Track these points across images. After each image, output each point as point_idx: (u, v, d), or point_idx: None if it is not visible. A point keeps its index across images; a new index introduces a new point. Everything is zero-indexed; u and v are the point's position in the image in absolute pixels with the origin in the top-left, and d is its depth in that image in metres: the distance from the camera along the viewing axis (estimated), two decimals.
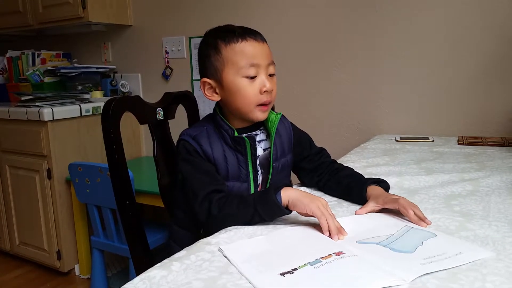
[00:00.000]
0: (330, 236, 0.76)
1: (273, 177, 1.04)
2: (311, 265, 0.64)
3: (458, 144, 1.58)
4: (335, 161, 1.13)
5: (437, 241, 0.73)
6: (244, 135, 0.99)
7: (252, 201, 0.84)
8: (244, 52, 0.94)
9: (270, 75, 0.98)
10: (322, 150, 1.14)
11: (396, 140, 1.68)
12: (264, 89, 0.95)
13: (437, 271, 0.63)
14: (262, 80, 0.95)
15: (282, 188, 0.84)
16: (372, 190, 0.94)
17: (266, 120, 1.02)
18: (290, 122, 1.13)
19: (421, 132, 1.82)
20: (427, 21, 1.77)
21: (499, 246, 0.71)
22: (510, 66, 1.65)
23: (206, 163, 0.96)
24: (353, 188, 0.97)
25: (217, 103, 1.04)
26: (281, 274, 0.62)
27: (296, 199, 0.82)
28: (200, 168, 0.95)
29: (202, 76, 1.02)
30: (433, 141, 1.65)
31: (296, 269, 0.63)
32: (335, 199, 1.01)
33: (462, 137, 1.66)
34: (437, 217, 0.85)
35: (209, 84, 1.00)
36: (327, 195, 1.04)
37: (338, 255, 0.67)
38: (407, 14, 1.80)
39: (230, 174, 0.98)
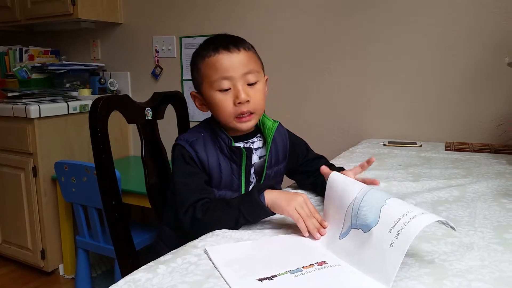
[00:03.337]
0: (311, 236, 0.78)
1: (264, 183, 1.04)
2: (291, 273, 0.64)
3: (446, 149, 1.60)
4: (332, 164, 1.13)
5: (397, 200, 0.72)
6: (241, 144, 0.99)
7: (236, 203, 0.84)
8: (215, 66, 0.94)
9: (251, 84, 0.96)
10: (321, 157, 1.14)
11: (384, 145, 1.69)
12: (238, 101, 0.94)
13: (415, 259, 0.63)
14: (236, 91, 0.94)
15: (264, 189, 0.84)
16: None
17: (264, 127, 1.03)
18: (287, 130, 1.12)
19: (409, 137, 1.83)
20: (416, 28, 1.78)
21: (484, 253, 0.72)
22: (498, 73, 1.67)
23: (199, 173, 0.96)
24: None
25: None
26: (259, 280, 0.62)
27: (274, 202, 0.82)
28: (192, 178, 0.94)
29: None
30: (421, 146, 1.67)
31: (275, 275, 0.63)
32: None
33: (449, 142, 1.68)
34: None
35: (197, 97, 1.02)
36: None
37: (320, 265, 0.67)
38: (397, 20, 1.82)
39: (223, 183, 0.98)
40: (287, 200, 0.81)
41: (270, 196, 0.83)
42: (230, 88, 0.95)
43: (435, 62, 1.77)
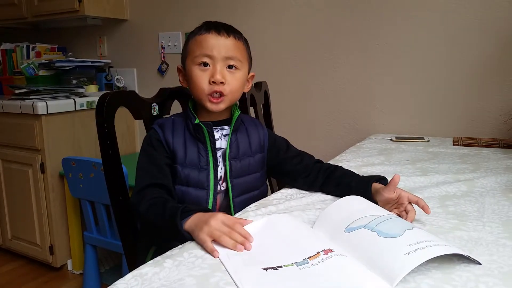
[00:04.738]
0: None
1: (235, 175, 1.03)
2: (297, 266, 0.64)
3: (454, 144, 1.59)
4: (320, 161, 1.11)
5: (425, 231, 0.71)
6: (202, 123, 1.01)
7: (168, 216, 0.81)
8: (201, 43, 0.99)
9: (230, 67, 1.00)
10: (302, 153, 1.12)
11: (392, 140, 1.68)
12: (212, 79, 0.97)
13: (425, 265, 0.62)
14: (214, 70, 0.98)
15: (193, 213, 0.79)
16: (376, 186, 0.93)
17: (232, 116, 1.06)
18: (267, 129, 1.14)
19: (416, 132, 1.82)
20: (423, 22, 1.77)
21: (492, 248, 0.71)
22: (506, 67, 1.65)
23: (160, 154, 1.00)
24: (356, 188, 0.96)
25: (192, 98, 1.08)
26: (264, 269, 0.62)
27: (192, 229, 0.76)
28: (151, 160, 1.00)
29: None
30: (428, 141, 1.66)
31: (280, 266, 0.63)
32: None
33: (457, 137, 1.66)
34: (431, 218, 0.85)
35: (181, 71, 1.07)
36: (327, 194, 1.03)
37: (326, 254, 0.66)
38: (403, 14, 1.80)
39: (187, 161, 1.00)
40: (200, 226, 0.74)
41: (191, 222, 0.77)
42: (209, 66, 0.99)
43: (442, 57, 1.76)
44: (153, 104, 1.20)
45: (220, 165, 1.03)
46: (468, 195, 1.00)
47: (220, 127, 1.05)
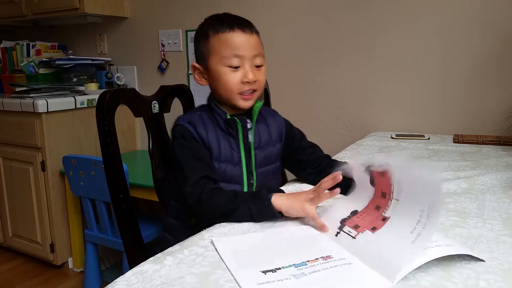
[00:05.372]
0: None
1: (259, 164, 1.04)
2: (295, 267, 0.64)
3: (454, 142, 1.58)
4: (329, 156, 1.13)
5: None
6: (236, 117, 1.01)
7: (244, 198, 0.84)
8: (228, 43, 0.97)
9: (257, 66, 1.00)
10: (315, 145, 1.14)
11: (392, 138, 1.68)
12: (246, 79, 0.97)
13: (427, 263, 0.62)
14: (245, 70, 0.98)
15: (274, 192, 0.84)
16: None
17: (252, 109, 1.05)
18: (284, 118, 1.14)
19: (417, 130, 1.82)
20: (424, 20, 1.76)
21: (492, 245, 0.71)
22: (506, 64, 1.65)
23: (201, 148, 0.98)
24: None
25: (211, 93, 1.07)
26: (263, 272, 0.62)
27: (288, 207, 0.82)
28: (194, 153, 0.97)
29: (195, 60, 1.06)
30: (428, 138, 1.65)
31: (279, 268, 0.63)
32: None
33: (457, 135, 1.66)
34: None
35: (198, 69, 1.04)
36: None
37: (325, 260, 0.67)
38: (404, 12, 1.80)
39: (222, 156, 1.00)
40: (298, 204, 0.81)
41: (281, 202, 0.82)
42: (239, 66, 0.98)
43: (443, 54, 1.75)
44: (153, 102, 1.20)
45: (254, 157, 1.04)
46: (468, 192, 1.00)
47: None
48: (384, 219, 0.71)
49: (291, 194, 0.86)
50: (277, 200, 0.82)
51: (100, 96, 1.05)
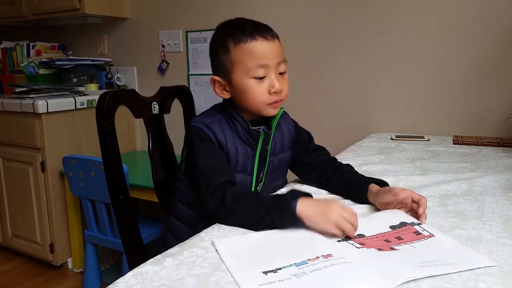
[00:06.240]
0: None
1: (269, 171, 1.04)
2: (296, 266, 0.64)
3: (454, 143, 1.58)
4: (336, 159, 1.12)
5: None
6: (260, 128, 0.99)
7: (267, 203, 0.80)
8: (253, 53, 0.93)
9: (281, 73, 0.97)
10: (321, 148, 1.13)
11: (392, 139, 1.68)
12: (273, 90, 0.95)
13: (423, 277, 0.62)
14: (271, 80, 0.95)
15: (299, 197, 0.79)
16: (373, 187, 0.93)
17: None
18: (292, 119, 1.13)
19: (416, 131, 1.82)
20: (423, 21, 1.76)
21: (492, 247, 0.71)
22: (506, 66, 1.65)
23: (220, 152, 0.95)
24: (355, 184, 0.97)
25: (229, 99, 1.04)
26: (263, 273, 0.62)
27: (309, 216, 0.77)
28: (214, 157, 0.93)
29: (213, 72, 1.01)
30: (428, 140, 1.65)
31: (280, 268, 0.63)
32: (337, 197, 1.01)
33: (457, 136, 1.66)
34: (431, 217, 0.85)
35: (219, 82, 0.99)
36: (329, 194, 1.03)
37: (326, 258, 0.67)
38: (404, 13, 1.80)
39: (239, 166, 0.98)
40: (324, 214, 0.76)
41: (304, 207, 0.77)
42: (265, 76, 0.95)
43: (443, 56, 1.75)
44: (153, 103, 1.20)
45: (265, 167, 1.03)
46: (468, 194, 1.00)
47: (258, 127, 1.03)
48: (392, 249, 0.71)
49: (319, 202, 0.80)
50: (302, 205, 0.78)
51: (100, 97, 1.05)
